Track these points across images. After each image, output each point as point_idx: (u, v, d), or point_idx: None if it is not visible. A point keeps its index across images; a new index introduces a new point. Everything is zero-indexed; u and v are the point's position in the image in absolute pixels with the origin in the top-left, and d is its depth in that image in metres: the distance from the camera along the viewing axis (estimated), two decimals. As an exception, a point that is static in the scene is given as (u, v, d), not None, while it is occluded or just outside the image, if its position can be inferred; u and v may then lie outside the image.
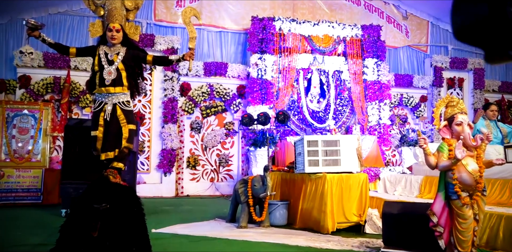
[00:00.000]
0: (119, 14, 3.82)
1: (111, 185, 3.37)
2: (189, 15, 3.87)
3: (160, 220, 5.04)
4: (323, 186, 4.43)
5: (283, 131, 8.89)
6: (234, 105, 9.29)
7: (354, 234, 4.34)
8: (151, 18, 9.31)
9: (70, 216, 3.25)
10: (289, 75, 9.30)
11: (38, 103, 7.43)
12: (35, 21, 3.51)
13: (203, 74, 9.19)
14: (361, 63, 9.71)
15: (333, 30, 9.61)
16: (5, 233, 4.22)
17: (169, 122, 8.75)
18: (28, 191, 6.59)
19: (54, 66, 8.38)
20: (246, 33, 9.60)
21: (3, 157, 6.86)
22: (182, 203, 7.43)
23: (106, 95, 3.58)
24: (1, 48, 8.57)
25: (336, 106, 9.68)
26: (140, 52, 3.82)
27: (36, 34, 3.52)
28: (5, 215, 5.55)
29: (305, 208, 4.71)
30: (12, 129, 6.99)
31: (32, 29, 3.50)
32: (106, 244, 3.37)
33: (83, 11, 8.82)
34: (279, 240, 3.96)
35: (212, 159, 9.27)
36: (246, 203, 4.71)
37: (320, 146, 4.62)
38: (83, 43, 8.81)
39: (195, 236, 4.12)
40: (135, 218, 3.26)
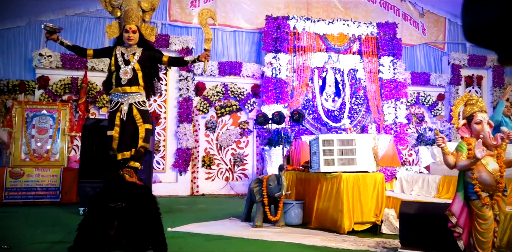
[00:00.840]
0: (135, 15, 3.85)
1: (127, 184, 3.40)
2: (206, 17, 3.89)
3: (175, 219, 5.08)
4: (338, 185, 4.39)
5: (298, 130, 8.86)
6: (249, 105, 9.29)
7: (371, 234, 4.29)
8: (166, 18, 9.38)
9: (87, 215, 3.30)
10: (304, 74, 9.26)
11: (57, 104, 7.56)
12: (53, 25, 3.57)
13: (217, 74, 9.22)
14: (376, 62, 9.60)
15: (348, 28, 9.53)
16: (25, 231, 4.31)
17: (184, 122, 8.80)
18: (47, 190, 6.70)
19: (71, 67, 8.52)
20: (260, 32, 9.59)
21: (23, 156, 7.00)
22: (198, 202, 7.47)
23: (122, 95, 3.62)
24: (20, 50, 8.75)
25: (351, 105, 9.60)
26: (156, 53, 3.86)
27: (54, 38, 3.59)
28: (25, 213, 5.66)
29: (320, 207, 4.68)
30: (31, 129, 7.13)
31: (51, 33, 3.57)
32: (122, 242, 3.42)
33: (99, 12, 8.94)
34: (295, 239, 3.95)
35: (227, 158, 9.30)
36: (261, 202, 4.71)
37: (336, 145, 4.58)
38: (100, 44, 8.93)
39: (210, 235, 4.14)
40: (151, 217, 3.29)
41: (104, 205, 3.25)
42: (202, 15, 3.89)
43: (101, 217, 3.21)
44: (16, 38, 8.73)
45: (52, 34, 3.58)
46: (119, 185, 3.38)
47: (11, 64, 8.71)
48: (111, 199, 3.25)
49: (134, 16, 3.83)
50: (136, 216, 3.28)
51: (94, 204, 3.30)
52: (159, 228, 3.27)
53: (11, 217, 5.41)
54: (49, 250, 3.45)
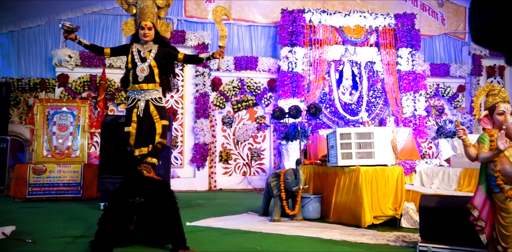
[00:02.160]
0: (150, 12, 3.87)
1: (145, 180, 3.44)
2: (220, 14, 3.90)
3: (194, 213, 5.12)
4: (357, 179, 4.35)
5: (314, 124, 8.81)
6: (265, 99, 9.27)
7: (390, 228, 4.25)
8: (181, 14, 9.41)
9: (107, 210, 3.35)
10: (320, 67, 9.17)
11: (76, 101, 7.68)
12: (71, 24, 3.60)
13: (233, 69, 9.22)
14: (394, 53, 9.44)
15: (365, 20, 9.38)
16: (48, 226, 4.41)
17: (201, 117, 8.85)
18: (69, 185, 6.84)
19: (90, 64, 8.64)
20: (276, 26, 9.53)
21: (45, 153, 7.16)
22: (215, 196, 7.52)
23: (139, 92, 3.66)
24: (40, 49, 8.91)
25: (369, 98, 9.48)
26: (171, 50, 3.87)
27: (72, 37, 3.63)
28: (48, 208, 5.80)
29: (338, 201, 4.65)
30: (52, 126, 7.27)
31: (68, 32, 3.60)
32: (142, 237, 3.47)
33: (116, 10, 9.02)
34: (313, 233, 3.93)
35: (244, 153, 9.32)
36: (278, 196, 4.71)
37: (353, 139, 4.53)
38: (117, 41, 9.04)
39: (228, 229, 4.16)
40: (169, 211, 3.32)
41: (123, 200, 3.30)
42: (217, 13, 3.90)
43: (120, 212, 3.26)
44: (36, 37, 8.90)
45: (70, 33, 3.61)
46: (137, 180, 3.42)
47: (32, 63, 8.89)
48: (129, 194, 3.30)
49: (149, 13, 3.85)
50: (155, 210, 3.32)
51: (114, 199, 3.35)
52: (178, 223, 3.30)
53: (35, 212, 5.55)
54: (71, 244, 3.52)
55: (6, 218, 4.89)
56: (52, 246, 3.46)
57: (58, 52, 3.50)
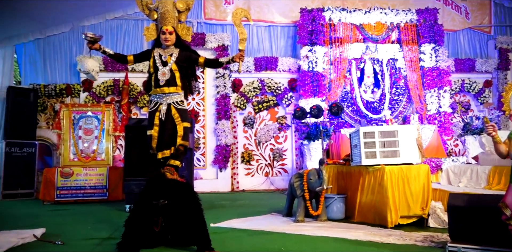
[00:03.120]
0: (171, 17, 3.91)
1: (168, 182, 3.47)
2: (240, 17, 3.89)
3: (217, 214, 5.14)
4: (382, 178, 4.28)
5: (336, 123, 8.73)
6: (286, 99, 9.24)
7: (417, 228, 4.15)
8: (201, 17, 9.49)
9: (132, 212, 3.39)
10: (341, 66, 9.08)
11: (100, 105, 7.84)
12: (93, 34, 3.61)
13: (253, 70, 9.23)
14: (417, 50, 9.26)
15: (386, 17, 9.24)
16: (77, 227, 4.51)
17: (222, 118, 8.89)
18: (95, 188, 6.98)
19: (113, 69, 8.82)
20: (295, 26, 9.50)
21: (71, 156, 7.33)
22: (238, 197, 7.53)
23: (161, 96, 3.70)
24: (65, 55, 9.15)
25: (391, 95, 9.33)
26: (192, 54, 3.91)
27: (96, 47, 3.66)
28: (76, 211, 5.93)
29: (363, 201, 4.58)
30: (78, 130, 7.44)
31: (92, 42, 3.63)
32: (167, 238, 3.50)
33: (137, 15, 9.17)
34: (338, 234, 3.89)
35: (266, 154, 9.31)
36: (302, 197, 4.67)
37: (377, 137, 4.46)
38: (139, 46, 9.21)
39: (252, 230, 4.15)
40: (193, 213, 3.34)
41: (147, 202, 3.34)
42: (236, 15, 3.90)
43: (145, 214, 3.30)
44: (61, 43, 9.15)
45: (93, 43, 3.64)
46: (160, 182, 3.46)
47: (58, 69, 9.14)
48: (153, 197, 3.34)
49: (170, 17, 3.89)
50: (179, 212, 3.35)
51: (138, 202, 3.40)
52: (202, 224, 3.32)
53: (64, 214, 5.69)
54: (99, 245, 3.59)
55: (36, 221, 5.03)
56: (80, 248, 3.53)
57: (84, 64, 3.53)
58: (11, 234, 3.75)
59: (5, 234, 3.74)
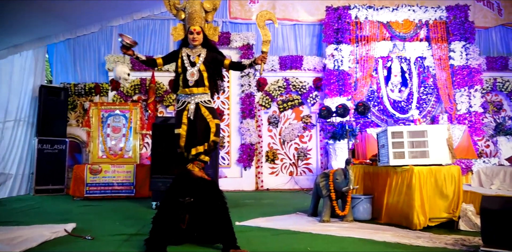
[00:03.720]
0: (199, 17, 3.93)
1: (194, 180, 3.50)
2: (264, 19, 3.88)
3: (242, 213, 5.15)
4: (410, 179, 4.19)
5: (362, 122, 8.60)
6: (311, 98, 9.18)
7: (447, 231, 4.05)
8: (226, 16, 9.53)
9: (159, 209, 3.44)
10: (368, 64, 8.94)
11: (128, 104, 8.00)
12: (130, 40, 3.61)
13: (278, 69, 9.21)
14: (446, 48, 9.02)
15: (414, 14, 9.05)
16: (105, 223, 4.61)
17: (247, 117, 8.91)
18: (123, 185, 7.13)
19: (140, 68, 8.97)
20: (320, 24, 9.41)
21: (100, 154, 7.51)
22: (263, 196, 7.54)
23: (189, 96, 3.75)
24: (94, 54, 9.37)
25: (419, 95, 9.12)
26: (218, 55, 3.94)
27: (131, 53, 3.67)
28: (105, 207, 6.07)
29: (390, 202, 4.50)
30: (106, 128, 7.62)
31: (127, 48, 3.65)
32: (193, 236, 3.54)
33: (163, 14, 9.30)
34: (364, 235, 3.83)
35: (291, 153, 9.27)
36: (328, 197, 4.63)
37: (406, 137, 4.37)
38: (165, 45, 9.35)
39: (278, 230, 4.14)
40: (219, 211, 3.36)
41: (174, 200, 3.38)
42: (261, 17, 3.88)
43: (172, 212, 3.35)
44: (90, 43, 9.37)
45: (128, 49, 3.66)
46: (186, 180, 3.50)
47: (87, 69, 9.37)
48: (180, 194, 3.38)
49: (198, 17, 3.92)
50: (205, 210, 3.38)
51: (165, 199, 3.44)
52: (228, 222, 3.33)
53: (93, 210, 5.83)
54: (127, 241, 3.66)
55: (67, 216, 5.17)
56: (109, 243, 3.60)
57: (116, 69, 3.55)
58: (44, 228, 3.88)
59: (38, 228, 3.87)
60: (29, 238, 3.50)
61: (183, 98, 3.78)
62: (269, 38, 3.85)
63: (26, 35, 7.99)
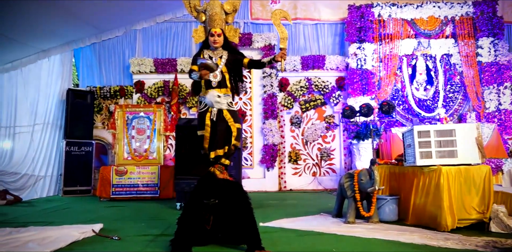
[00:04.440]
0: (219, 19, 3.96)
1: (219, 181, 3.52)
2: (279, 17, 3.97)
3: (266, 214, 5.14)
4: (438, 179, 4.08)
5: (387, 122, 8.46)
6: (334, 98, 9.09)
7: (477, 233, 3.92)
8: (247, 17, 9.55)
9: (184, 210, 3.47)
10: (391, 63, 8.79)
11: (152, 106, 8.11)
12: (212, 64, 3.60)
13: (300, 69, 9.16)
14: (474, 44, 8.77)
15: (440, 11, 8.84)
16: (131, 224, 4.68)
17: (269, 118, 8.89)
18: (147, 186, 7.23)
19: (163, 71, 9.09)
20: (343, 23, 9.32)
21: (125, 155, 7.64)
22: (286, 197, 7.50)
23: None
24: (119, 58, 9.55)
25: (446, 93, 8.90)
26: (238, 55, 3.96)
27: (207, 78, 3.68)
28: (131, 208, 6.17)
29: (417, 203, 4.40)
30: (131, 130, 7.75)
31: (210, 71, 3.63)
32: (218, 236, 3.55)
33: (185, 17, 9.40)
34: (391, 237, 3.75)
35: (314, 153, 9.21)
36: (352, 197, 4.57)
37: (433, 137, 4.26)
38: (187, 47, 9.45)
39: (302, 231, 4.11)
40: (243, 212, 3.36)
41: (198, 201, 3.40)
42: (276, 16, 3.98)
43: (197, 213, 3.36)
44: (115, 47, 9.56)
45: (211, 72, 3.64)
46: (211, 182, 3.51)
47: (112, 72, 9.56)
48: (204, 196, 3.40)
49: (218, 19, 3.95)
50: (229, 211, 3.38)
51: (190, 201, 3.47)
52: (252, 223, 3.33)
53: (119, 210, 5.93)
54: (152, 242, 3.70)
55: (94, 216, 5.29)
56: (135, 243, 3.65)
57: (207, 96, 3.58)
58: (73, 228, 3.97)
59: (67, 229, 3.96)
60: (58, 238, 3.59)
61: (205, 100, 3.81)
62: (286, 35, 3.93)
63: (54, 40, 8.23)
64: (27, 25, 7.04)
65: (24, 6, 6.46)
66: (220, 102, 3.66)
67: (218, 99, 3.65)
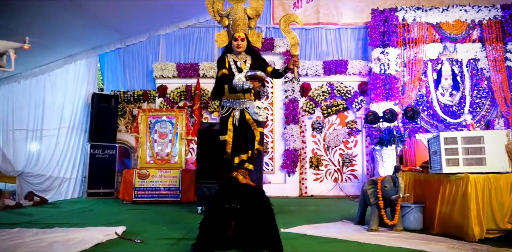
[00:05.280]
0: (243, 23, 3.98)
1: (241, 186, 3.50)
2: (288, 23, 3.97)
3: (287, 219, 5.09)
4: (465, 188, 3.96)
5: (411, 127, 8.30)
6: (356, 103, 8.98)
7: (507, 244, 3.77)
8: (269, 22, 9.57)
9: (206, 215, 3.47)
10: (416, 68, 8.64)
11: (174, 110, 8.19)
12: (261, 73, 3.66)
13: (322, 73, 9.10)
14: (502, 48, 8.53)
15: (466, 15, 8.65)
16: (153, 227, 4.72)
17: (290, 123, 8.85)
18: (169, 190, 7.28)
19: (185, 75, 9.18)
20: (366, 27, 9.22)
21: (147, 159, 7.72)
22: (307, 203, 7.43)
23: (235, 102, 3.77)
24: (142, 63, 9.71)
25: (472, 98, 8.68)
26: (262, 62, 3.97)
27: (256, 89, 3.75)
28: (152, 211, 6.22)
29: (443, 211, 4.28)
30: (154, 134, 7.83)
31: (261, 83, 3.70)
32: (239, 241, 3.53)
33: (208, 22, 9.48)
34: (416, 246, 3.65)
35: (335, 159, 9.10)
36: (376, 205, 4.48)
37: (460, 143, 4.15)
38: (210, 51, 9.54)
39: (324, 238, 4.05)
40: (265, 217, 3.34)
41: (220, 206, 3.39)
42: (285, 22, 3.99)
43: (219, 217, 3.36)
44: (139, 52, 9.73)
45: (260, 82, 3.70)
46: (233, 187, 3.50)
47: (135, 76, 9.72)
48: (226, 200, 3.39)
49: (242, 24, 3.96)
50: (251, 216, 3.36)
51: (212, 205, 3.47)
52: (274, 229, 3.31)
53: (141, 213, 5.99)
54: (174, 245, 3.71)
55: (117, 219, 5.35)
56: (157, 246, 3.67)
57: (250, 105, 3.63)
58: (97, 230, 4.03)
59: (91, 231, 4.02)
60: (83, 240, 3.65)
61: (228, 104, 3.81)
62: (297, 40, 3.89)
63: (80, 46, 8.43)
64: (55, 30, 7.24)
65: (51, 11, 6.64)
66: (258, 113, 3.64)
67: (257, 111, 3.64)
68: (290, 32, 3.96)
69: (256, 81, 3.63)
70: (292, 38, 3.90)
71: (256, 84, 3.63)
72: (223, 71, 3.81)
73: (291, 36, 3.91)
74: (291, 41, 3.91)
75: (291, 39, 3.91)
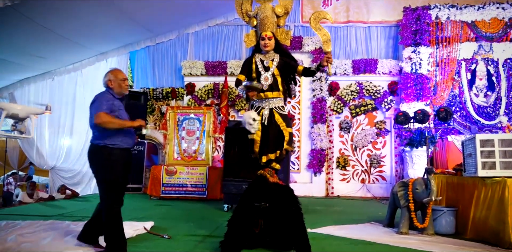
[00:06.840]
0: (270, 22, 3.96)
1: (270, 185, 3.49)
2: (318, 20, 3.92)
3: (313, 220, 5.04)
4: (502, 192, 3.81)
5: (443, 129, 8.06)
6: (386, 103, 8.79)
7: (546, 252, 3.62)
8: (298, 20, 9.49)
9: (235, 213, 3.46)
10: (449, 67, 8.39)
11: (202, 108, 8.26)
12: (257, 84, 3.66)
13: (351, 73, 8.96)
14: (542, 48, 8.17)
15: (503, 13, 8.32)
16: (181, 223, 4.76)
17: (318, 122, 8.76)
18: (196, 186, 7.35)
19: (213, 73, 9.23)
20: (397, 25, 9.01)
21: (175, 155, 7.82)
22: (333, 203, 7.34)
23: (263, 100, 3.76)
24: (171, 60, 9.83)
25: (509, 100, 8.36)
26: (291, 61, 3.93)
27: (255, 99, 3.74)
28: (179, 207, 6.29)
29: (478, 216, 4.13)
30: (182, 131, 7.92)
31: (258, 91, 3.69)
32: (266, 240, 3.52)
33: (236, 20, 9.49)
34: (448, 250, 3.55)
35: (363, 160, 8.95)
36: (406, 207, 4.37)
37: (497, 146, 3.99)
38: (238, 50, 9.55)
39: (352, 239, 3.99)
40: (294, 217, 3.31)
41: (249, 204, 3.39)
42: (315, 20, 3.94)
43: (247, 216, 3.35)
44: (168, 50, 9.84)
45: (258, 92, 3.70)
46: (262, 185, 3.49)
47: (164, 74, 9.84)
48: (255, 199, 3.38)
49: (269, 23, 3.94)
50: (279, 215, 3.34)
51: (241, 203, 3.47)
52: (302, 229, 3.28)
53: (168, 209, 6.07)
54: (201, 242, 3.73)
55: (145, 214, 5.44)
56: (185, 243, 3.71)
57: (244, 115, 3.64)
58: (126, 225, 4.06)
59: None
60: (113, 234, 3.70)
61: (257, 104, 3.80)
62: (329, 37, 3.85)
63: (112, 44, 8.62)
64: (88, 29, 7.42)
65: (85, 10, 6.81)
66: (252, 125, 3.62)
67: (252, 122, 3.62)
68: (321, 29, 3.91)
69: (253, 91, 3.62)
70: (324, 35, 3.85)
71: (251, 94, 3.62)
72: (238, 76, 3.88)
73: (322, 33, 3.87)
74: (323, 38, 3.86)
75: (322, 36, 3.86)
